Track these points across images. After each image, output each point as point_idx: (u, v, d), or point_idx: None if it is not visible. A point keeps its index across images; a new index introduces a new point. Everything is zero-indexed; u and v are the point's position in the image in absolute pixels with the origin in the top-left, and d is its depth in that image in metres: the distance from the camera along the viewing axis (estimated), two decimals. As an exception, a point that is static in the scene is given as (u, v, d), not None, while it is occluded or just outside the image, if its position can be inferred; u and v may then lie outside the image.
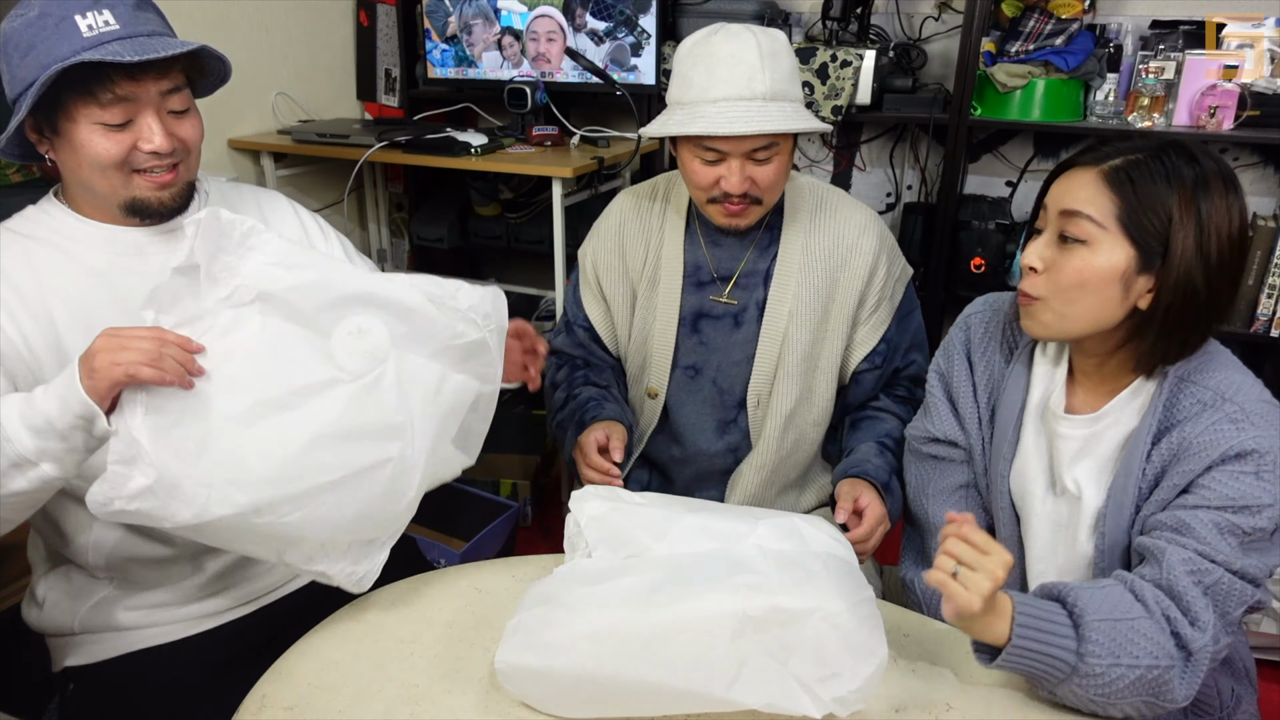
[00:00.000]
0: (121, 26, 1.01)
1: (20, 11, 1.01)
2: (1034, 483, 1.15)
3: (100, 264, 1.11)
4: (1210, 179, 0.98)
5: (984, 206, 2.34)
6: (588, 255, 1.52)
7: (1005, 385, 1.17)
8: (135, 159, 1.06)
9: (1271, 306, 2.06)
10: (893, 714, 0.97)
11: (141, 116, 1.05)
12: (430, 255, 3.00)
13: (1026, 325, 1.10)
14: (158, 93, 1.05)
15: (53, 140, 1.06)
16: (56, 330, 1.07)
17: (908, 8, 2.43)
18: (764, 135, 1.23)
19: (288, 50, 2.48)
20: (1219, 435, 0.99)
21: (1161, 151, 1.01)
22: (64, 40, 0.98)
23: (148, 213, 1.10)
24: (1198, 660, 0.93)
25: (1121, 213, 0.99)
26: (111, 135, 1.03)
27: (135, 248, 1.13)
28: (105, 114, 1.02)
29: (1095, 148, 1.04)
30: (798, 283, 1.38)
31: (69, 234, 1.11)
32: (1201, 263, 0.98)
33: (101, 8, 1.00)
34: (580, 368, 1.53)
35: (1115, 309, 1.02)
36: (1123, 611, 0.93)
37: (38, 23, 0.99)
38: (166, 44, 1.02)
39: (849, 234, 1.39)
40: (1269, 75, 2.02)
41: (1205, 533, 0.97)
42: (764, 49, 1.23)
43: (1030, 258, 1.06)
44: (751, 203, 1.31)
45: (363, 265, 1.36)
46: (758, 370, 1.41)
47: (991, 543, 0.91)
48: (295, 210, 1.33)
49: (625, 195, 1.52)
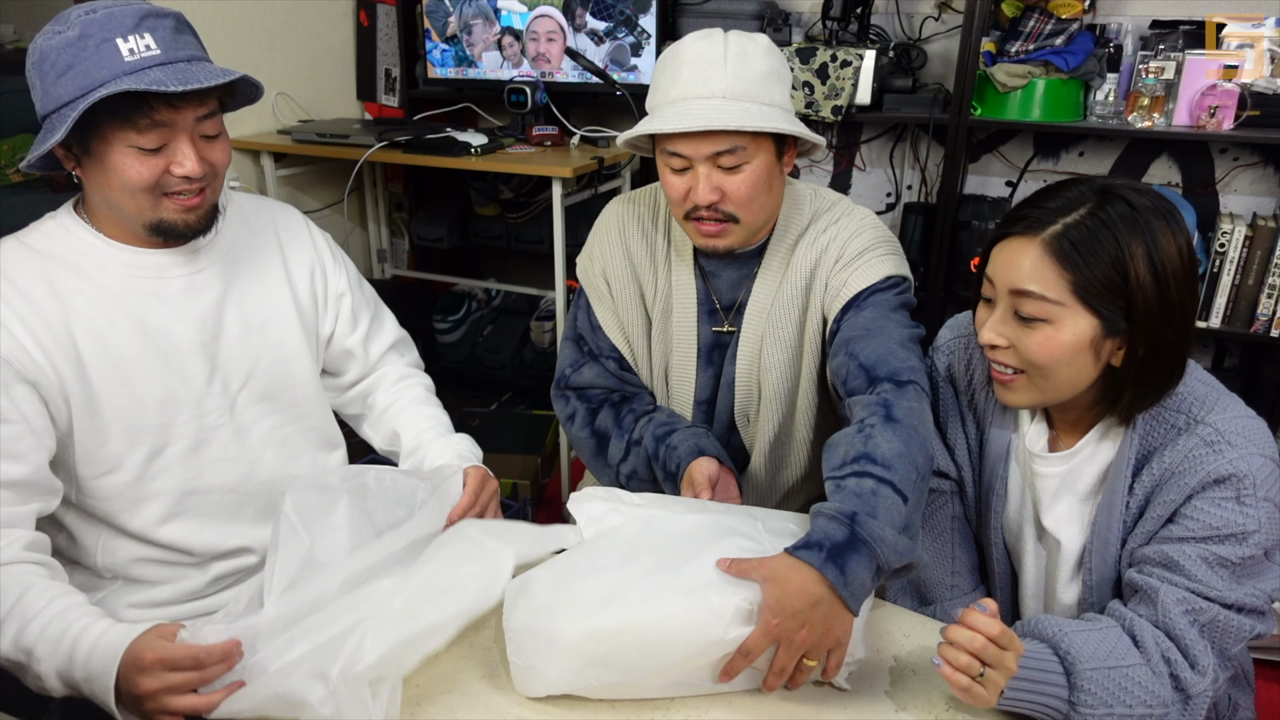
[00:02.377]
0: (162, 51, 1.00)
1: (57, 29, 1.00)
2: (1024, 525, 1.15)
3: (118, 285, 1.11)
4: (1151, 219, 0.95)
5: (984, 206, 2.34)
6: (598, 273, 1.40)
7: (991, 419, 1.16)
8: (166, 182, 1.06)
9: (1271, 306, 2.06)
10: (893, 714, 0.97)
11: (176, 141, 1.04)
12: (430, 255, 3.00)
13: (1004, 398, 1.07)
14: (194, 119, 1.05)
15: (81, 158, 1.05)
16: (78, 352, 1.07)
17: (908, 8, 2.42)
18: (721, 136, 1.14)
19: (288, 50, 2.48)
20: (1196, 461, 0.97)
21: (1097, 208, 0.96)
22: (104, 64, 0.98)
23: (173, 234, 1.10)
24: (1196, 704, 0.93)
25: (1076, 287, 0.96)
26: (145, 159, 1.03)
27: (156, 270, 1.13)
28: (141, 139, 1.02)
29: (1026, 215, 0.99)
30: (771, 303, 1.31)
31: (88, 253, 1.10)
32: (1165, 314, 0.96)
33: (143, 31, 1.00)
34: (619, 403, 1.38)
35: (1090, 372, 1.01)
36: (1118, 658, 0.92)
37: (77, 44, 0.98)
38: (207, 71, 1.02)
39: (823, 240, 1.29)
40: (1269, 75, 2.02)
41: (1195, 569, 0.95)
42: (731, 49, 1.15)
43: (990, 335, 1.03)
44: (727, 220, 1.21)
45: (366, 294, 1.40)
46: (739, 395, 1.36)
47: (1011, 637, 0.89)
48: (310, 231, 1.34)
49: (623, 204, 1.42)
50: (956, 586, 1.22)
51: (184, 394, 1.15)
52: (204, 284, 1.17)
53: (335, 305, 1.34)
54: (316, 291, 1.31)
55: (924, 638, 1.08)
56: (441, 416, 1.38)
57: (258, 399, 1.23)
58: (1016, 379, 1.04)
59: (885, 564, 0.95)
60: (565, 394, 1.42)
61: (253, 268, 1.24)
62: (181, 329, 1.14)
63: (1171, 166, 2.32)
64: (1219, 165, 2.27)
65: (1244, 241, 2.06)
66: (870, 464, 1.01)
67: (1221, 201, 2.28)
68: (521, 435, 2.70)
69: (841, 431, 1.09)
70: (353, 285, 1.36)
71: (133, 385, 1.11)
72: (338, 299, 1.34)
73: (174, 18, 1.04)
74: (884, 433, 1.04)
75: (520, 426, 2.75)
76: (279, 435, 1.26)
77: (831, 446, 1.07)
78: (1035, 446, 1.10)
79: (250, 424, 1.22)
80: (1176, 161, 2.31)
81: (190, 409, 1.16)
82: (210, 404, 1.17)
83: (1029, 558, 1.15)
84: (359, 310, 1.36)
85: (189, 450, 1.16)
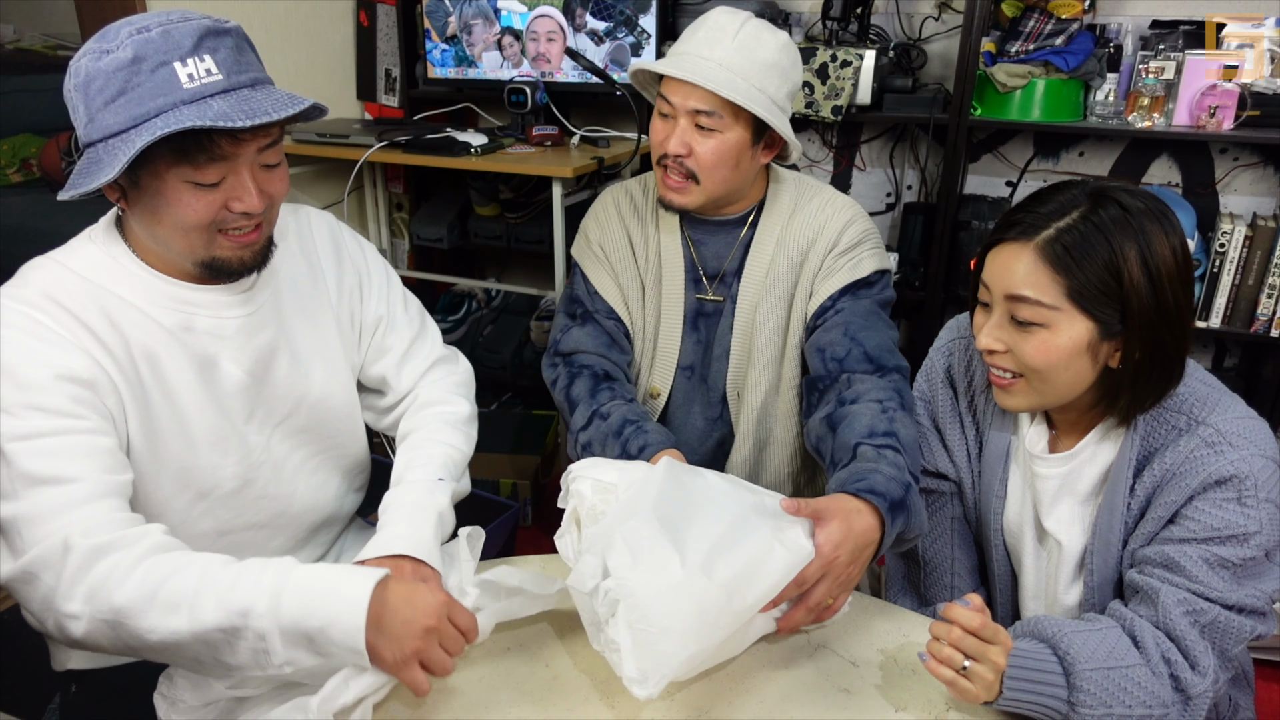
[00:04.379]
0: (224, 76, 0.90)
1: (105, 48, 0.88)
2: (1025, 527, 1.15)
3: (173, 321, 1.02)
4: (1144, 221, 0.95)
5: (984, 206, 2.33)
6: (593, 240, 1.47)
7: (991, 420, 1.16)
8: (223, 219, 0.97)
9: (1271, 306, 2.06)
10: (891, 714, 0.97)
11: (235, 175, 0.95)
12: (430, 255, 3.00)
13: (1003, 402, 1.07)
14: (255, 150, 0.96)
15: (128, 190, 0.95)
16: (144, 387, 1.00)
17: (908, 8, 2.42)
18: (703, 95, 1.23)
19: (288, 50, 2.48)
20: (1198, 462, 0.97)
21: (1090, 211, 0.96)
22: (161, 91, 0.88)
23: (226, 272, 1.01)
24: (1196, 705, 0.93)
25: (1071, 291, 0.96)
26: (202, 195, 0.94)
27: (213, 310, 1.05)
28: (199, 174, 0.92)
29: (1019, 220, 1.00)
30: (766, 273, 1.38)
31: (139, 288, 1.01)
32: (1161, 316, 0.96)
33: (203, 53, 0.89)
34: (600, 376, 1.38)
35: (1088, 375, 1.01)
36: (1117, 659, 0.92)
37: (130, 67, 0.87)
38: (275, 100, 0.93)
39: (819, 220, 1.37)
40: (1269, 75, 2.02)
41: (1196, 570, 0.95)
42: (746, 29, 1.24)
43: (987, 340, 1.03)
44: (689, 177, 1.30)
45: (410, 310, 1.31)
46: (733, 364, 1.42)
47: (995, 630, 0.90)
48: (349, 248, 1.25)
49: (615, 187, 1.50)
50: (956, 588, 1.22)
51: (231, 435, 1.08)
52: (259, 325, 1.09)
53: (370, 332, 1.25)
54: (354, 314, 1.23)
55: (924, 638, 1.07)
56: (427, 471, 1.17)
57: (295, 432, 1.17)
58: (1015, 383, 1.04)
59: (912, 534, 1.09)
60: (554, 360, 1.44)
61: (301, 300, 1.16)
62: (232, 370, 1.07)
63: (1171, 167, 2.32)
64: (1219, 165, 2.27)
65: (1244, 241, 2.06)
66: (897, 443, 1.13)
67: (1221, 201, 2.28)
68: (521, 435, 2.70)
69: (863, 404, 1.20)
70: (393, 304, 1.27)
71: (188, 426, 1.04)
72: (374, 324, 1.25)
73: (234, 34, 0.94)
74: (903, 419, 1.18)
75: (520, 426, 2.75)
76: (310, 464, 1.20)
77: (855, 415, 1.18)
78: (1035, 448, 1.10)
79: (285, 457, 1.16)
80: (1176, 162, 2.31)
81: (237, 450, 1.09)
82: (252, 441, 1.11)
83: (1029, 559, 1.15)
84: (397, 333, 1.27)
85: (233, 492, 1.10)
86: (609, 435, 1.27)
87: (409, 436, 1.23)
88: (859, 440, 1.14)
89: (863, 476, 1.06)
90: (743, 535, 0.95)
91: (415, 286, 3.04)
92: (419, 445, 1.20)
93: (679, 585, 0.89)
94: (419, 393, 1.28)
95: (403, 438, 1.24)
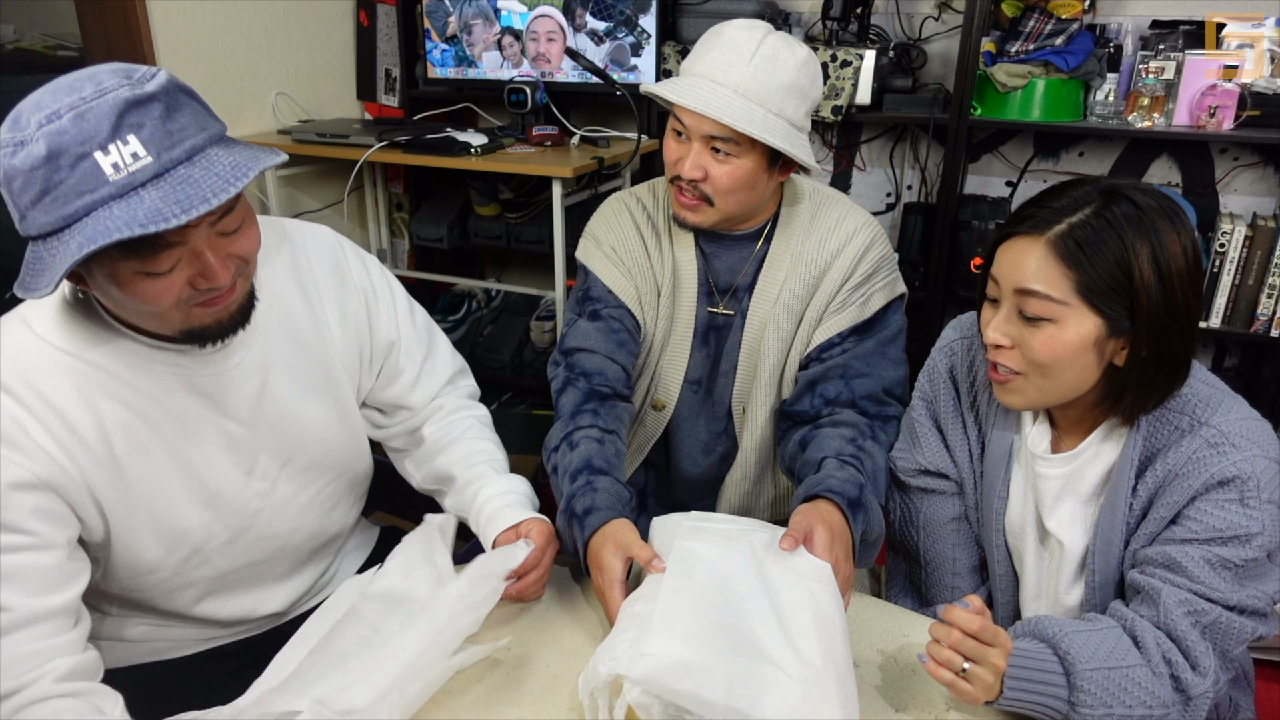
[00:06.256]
0: (154, 158, 0.81)
1: (19, 139, 0.79)
2: (1027, 527, 1.14)
3: (151, 385, 0.98)
4: (1156, 220, 0.95)
5: (984, 206, 2.33)
6: (603, 242, 1.41)
7: (993, 420, 1.16)
8: (191, 296, 0.90)
9: (1271, 306, 2.06)
10: (891, 714, 0.97)
11: (193, 255, 0.88)
12: (430, 255, 3.00)
13: (1004, 399, 1.07)
14: (208, 226, 0.88)
15: (86, 278, 0.88)
16: (118, 464, 0.96)
17: (908, 8, 2.43)
18: (718, 124, 1.18)
19: (288, 50, 2.48)
20: (1200, 463, 0.97)
21: (1102, 208, 0.96)
22: (86, 188, 0.79)
23: (207, 337, 0.96)
24: (1197, 705, 0.93)
25: (1080, 286, 0.96)
26: (160, 281, 0.87)
27: (190, 370, 1.00)
28: (151, 265, 0.85)
29: (1031, 214, 0.99)
30: (779, 292, 1.34)
31: (121, 356, 0.96)
32: (1170, 315, 0.95)
33: (125, 134, 0.79)
34: (589, 393, 1.32)
35: (1093, 373, 1.00)
36: (1118, 659, 0.92)
37: (48, 165, 0.78)
38: (215, 174, 0.83)
39: (835, 241, 1.33)
40: (1269, 75, 2.02)
41: (1197, 571, 0.95)
42: (763, 49, 1.19)
43: (994, 334, 1.03)
44: (703, 200, 1.26)
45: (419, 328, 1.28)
46: (739, 379, 1.39)
47: (995, 632, 0.90)
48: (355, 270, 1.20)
49: (623, 194, 1.45)
50: (957, 588, 1.22)
51: (226, 490, 1.05)
52: (247, 374, 1.05)
53: (381, 357, 1.22)
54: (362, 342, 1.19)
55: (924, 638, 1.07)
56: (496, 452, 1.28)
57: (299, 472, 1.14)
58: (1013, 379, 1.04)
59: (873, 536, 1.15)
60: (557, 358, 1.41)
61: (295, 333, 1.10)
62: (220, 422, 1.04)
63: (1171, 166, 2.32)
64: (1219, 165, 2.27)
65: (1244, 241, 2.06)
66: (859, 465, 1.19)
67: (1221, 201, 2.28)
68: (522, 435, 2.70)
69: (838, 429, 1.26)
70: (402, 325, 1.24)
71: (171, 492, 1.01)
72: (385, 350, 1.22)
73: (161, 97, 0.82)
74: (871, 448, 1.24)
75: (520, 426, 2.75)
76: (320, 496, 1.18)
77: (825, 436, 1.25)
78: (1038, 448, 1.10)
79: (291, 497, 1.13)
80: (1176, 161, 2.31)
81: (231, 504, 1.07)
82: (251, 491, 1.08)
83: (1031, 559, 1.15)
84: (409, 356, 1.25)
85: (229, 541, 1.08)
86: (565, 473, 1.22)
87: (447, 436, 1.28)
88: (825, 456, 1.21)
89: (820, 481, 1.14)
90: (784, 602, 0.94)
91: (415, 286, 3.06)
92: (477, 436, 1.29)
93: (815, 684, 0.86)
94: (443, 402, 1.30)
95: (437, 439, 1.28)
